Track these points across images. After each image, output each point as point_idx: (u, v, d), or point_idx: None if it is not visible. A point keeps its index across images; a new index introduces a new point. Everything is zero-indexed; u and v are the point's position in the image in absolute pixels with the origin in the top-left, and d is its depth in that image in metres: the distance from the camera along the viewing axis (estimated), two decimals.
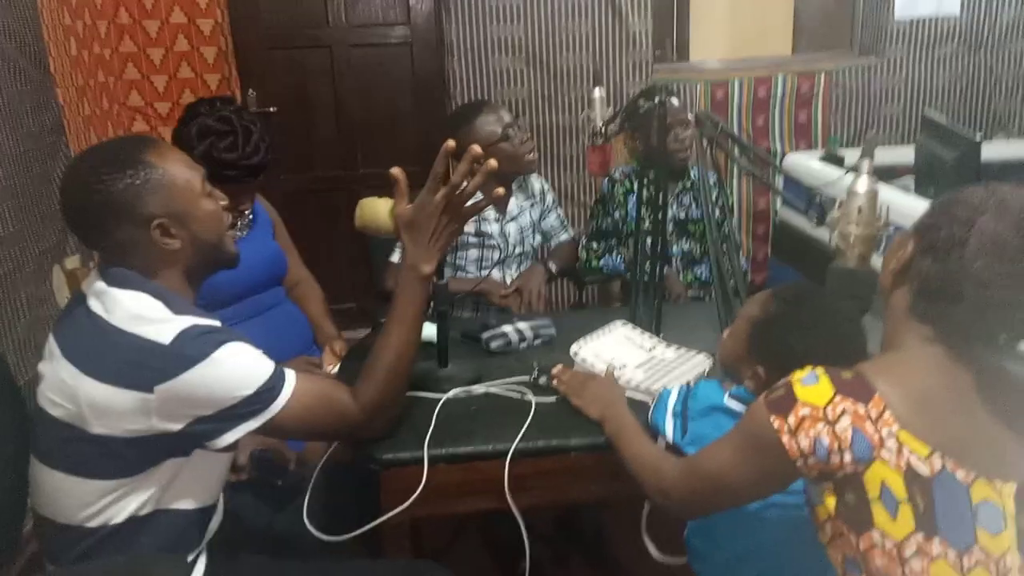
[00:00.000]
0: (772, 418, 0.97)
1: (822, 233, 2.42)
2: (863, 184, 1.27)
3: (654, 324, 1.78)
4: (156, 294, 1.22)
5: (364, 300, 2.56)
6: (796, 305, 1.28)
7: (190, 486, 1.28)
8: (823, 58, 3.76)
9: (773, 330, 1.27)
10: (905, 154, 2.64)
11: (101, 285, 1.22)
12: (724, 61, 3.84)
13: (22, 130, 2.32)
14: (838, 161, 2.67)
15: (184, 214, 1.25)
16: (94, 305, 1.21)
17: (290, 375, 1.25)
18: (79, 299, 1.24)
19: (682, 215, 2.53)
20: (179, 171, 1.26)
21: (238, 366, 1.19)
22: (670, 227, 2.45)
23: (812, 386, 0.96)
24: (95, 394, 1.16)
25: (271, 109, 3.45)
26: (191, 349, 1.15)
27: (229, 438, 1.19)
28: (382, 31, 3.48)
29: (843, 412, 0.92)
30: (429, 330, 1.79)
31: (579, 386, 1.51)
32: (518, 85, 3.43)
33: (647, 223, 2.46)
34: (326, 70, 3.49)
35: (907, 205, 1.95)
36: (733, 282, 1.73)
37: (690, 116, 2.30)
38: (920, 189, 2.25)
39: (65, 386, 1.18)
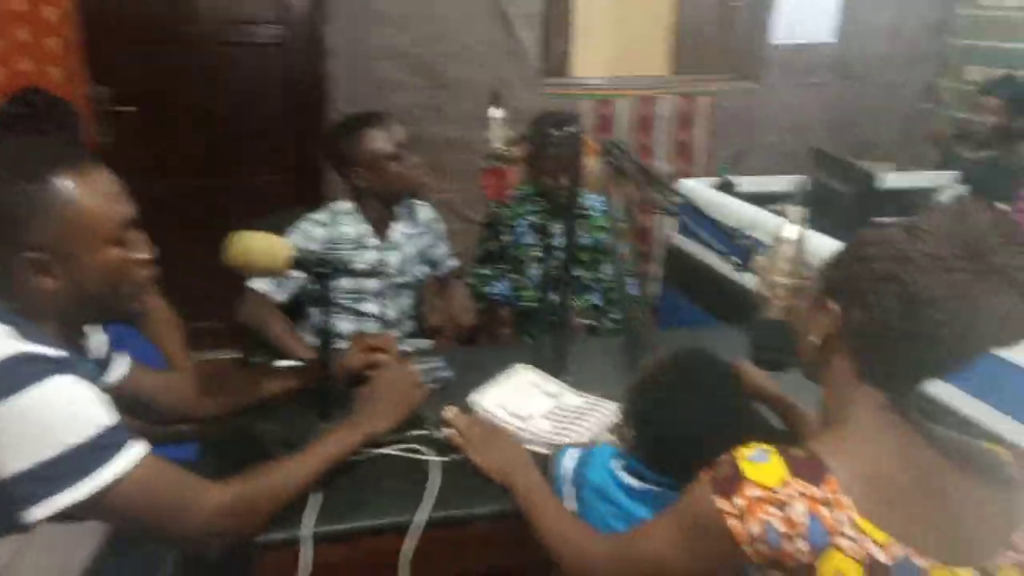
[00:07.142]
0: (717, 499, 0.86)
1: (714, 260, 2.41)
2: (792, 231, 1.20)
3: (557, 365, 1.66)
4: (8, 320, 1.00)
5: (222, 317, 2.29)
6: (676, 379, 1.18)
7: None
8: (706, 80, 3.79)
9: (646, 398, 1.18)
10: (782, 182, 2.65)
11: None
12: (608, 78, 3.80)
13: None
14: (729, 188, 2.65)
15: (73, 256, 1.04)
16: None
17: (140, 443, 1.03)
18: None
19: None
20: (92, 206, 1.05)
21: (70, 404, 0.97)
22: (561, 255, 2.34)
23: (762, 464, 0.86)
24: None
25: (129, 109, 3.10)
26: (11, 376, 0.94)
27: (40, 511, 0.95)
28: (252, 29, 3.20)
29: (797, 495, 0.83)
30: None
31: (480, 440, 1.36)
32: (404, 93, 3.24)
33: (538, 250, 2.37)
34: (190, 68, 3.17)
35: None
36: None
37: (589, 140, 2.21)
38: (815, 223, 2.24)
39: None
